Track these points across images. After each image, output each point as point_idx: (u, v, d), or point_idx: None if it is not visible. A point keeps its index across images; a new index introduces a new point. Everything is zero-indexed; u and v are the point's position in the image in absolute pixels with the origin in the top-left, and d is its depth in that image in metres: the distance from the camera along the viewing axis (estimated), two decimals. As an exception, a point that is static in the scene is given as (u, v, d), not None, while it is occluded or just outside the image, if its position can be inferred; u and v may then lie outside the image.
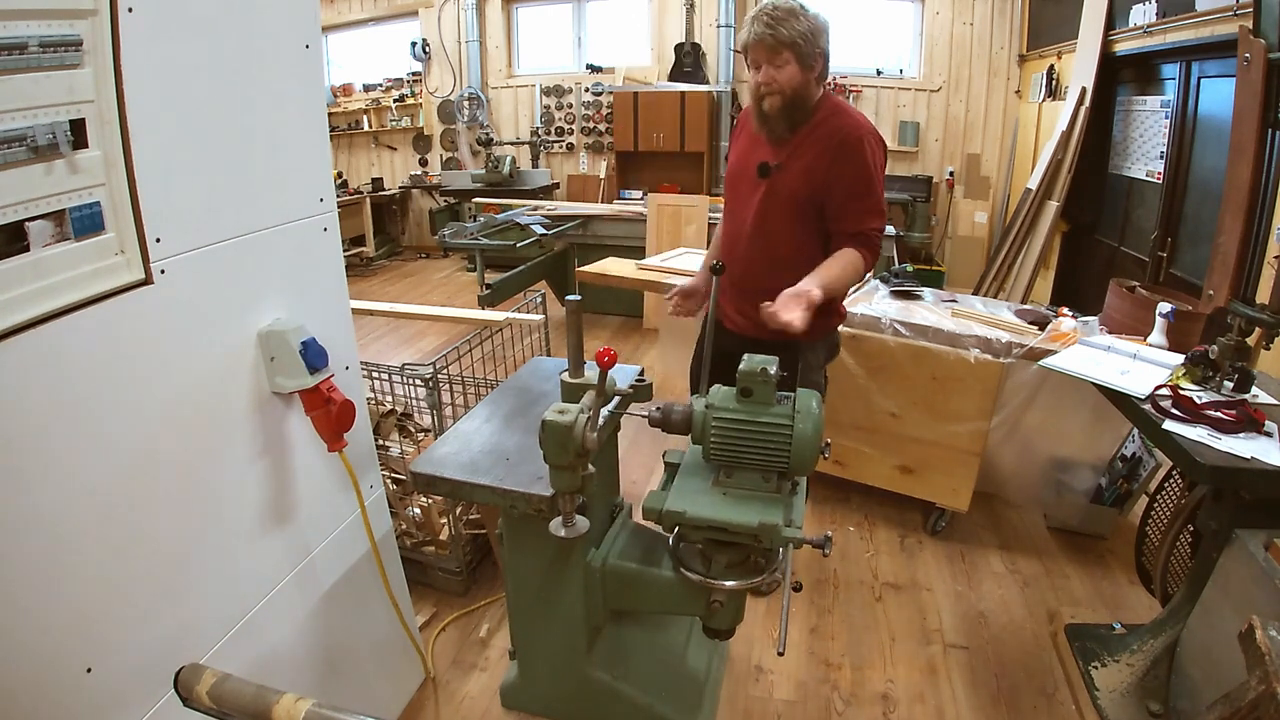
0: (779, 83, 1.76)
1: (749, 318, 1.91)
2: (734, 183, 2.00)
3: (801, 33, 1.72)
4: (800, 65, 1.75)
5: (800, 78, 1.76)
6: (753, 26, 1.75)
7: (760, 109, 1.83)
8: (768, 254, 1.91)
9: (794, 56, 1.74)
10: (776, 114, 1.81)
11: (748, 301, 1.89)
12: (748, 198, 1.92)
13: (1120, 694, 1.79)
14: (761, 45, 1.74)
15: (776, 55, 1.74)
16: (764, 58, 1.76)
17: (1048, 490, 2.58)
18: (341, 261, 1.55)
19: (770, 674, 2.01)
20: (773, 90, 1.77)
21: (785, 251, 1.89)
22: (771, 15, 1.72)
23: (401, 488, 2.36)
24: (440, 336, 4.67)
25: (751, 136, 1.94)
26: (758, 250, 1.92)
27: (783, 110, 1.80)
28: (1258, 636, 1.10)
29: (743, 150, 1.97)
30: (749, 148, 1.94)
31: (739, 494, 1.40)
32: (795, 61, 1.74)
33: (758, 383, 1.35)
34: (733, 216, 2.00)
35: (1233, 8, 3.10)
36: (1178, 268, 3.72)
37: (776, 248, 1.90)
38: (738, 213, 1.97)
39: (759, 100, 1.82)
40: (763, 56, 1.76)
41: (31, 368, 0.94)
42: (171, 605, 1.18)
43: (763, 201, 1.88)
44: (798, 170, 1.83)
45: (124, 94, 1.00)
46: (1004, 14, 5.94)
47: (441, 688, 1.95)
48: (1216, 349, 1.75)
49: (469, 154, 7.37)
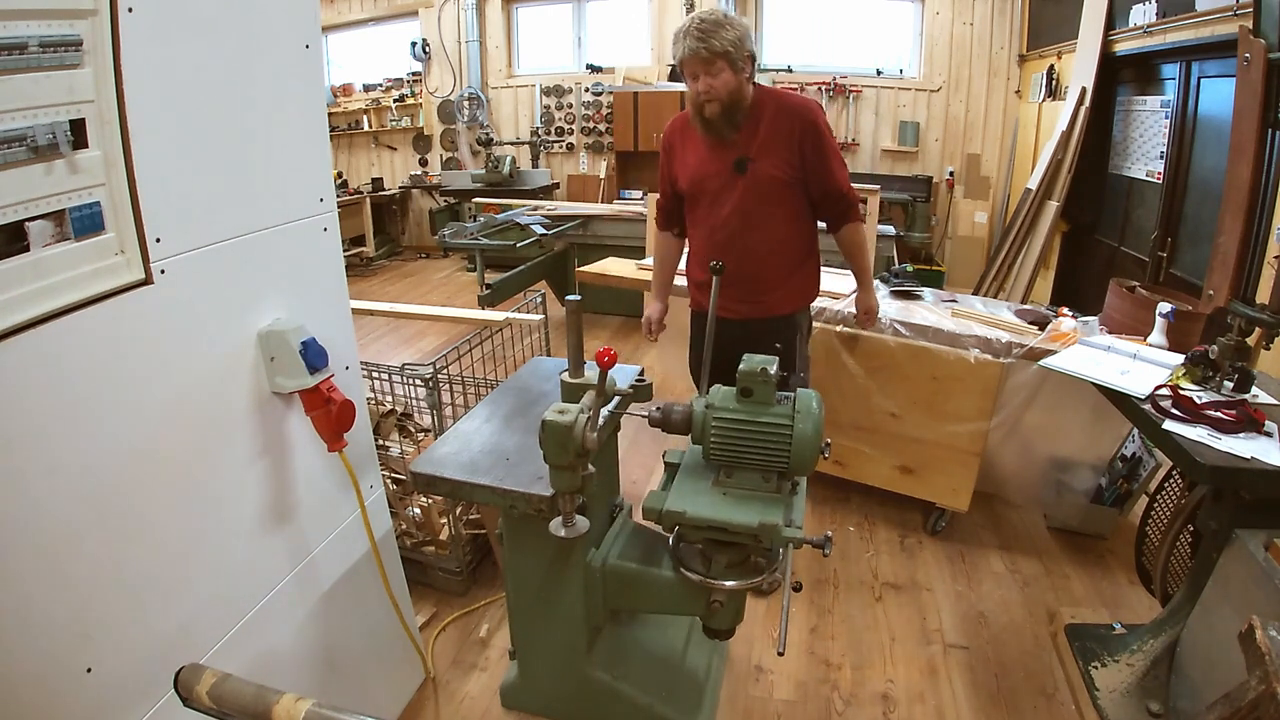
0: (716, 89, 1.88)
1: (745, 302, 2.07)
2: (699, 191, 2.06)
3: (731, 41, 1.84)
4: (733, 71, 1.87)
5: (735, 81, 1.88)
6: (685, 42, 1.85)
7: (702, 116, 1.94)
8: (763, 239, 2.02)
9: (727, 64, 1.86)
10: (718, 118, 1.92)
11: (749, 288, 2.06)
12: (723, 198, 2.00)
13: (1120, 694, 1.79)
14: (696, 59, 1.85)
15: (711, 65, 1.86)
16: (700, 69, 1.87)
17: (1048, 490, 2.58)
18: (341, 261, 1.55)
19: (770, 674, 2.01)
20: (712, 98, 1.89)
21: (780, 234, 2.04)
22: (701, 30, 1.83)
23: (401, 488, 2.36)
24: (440, 336, 4.67)
25: (702, 145, 2.02)
26: (754, 240, 2.02)
27: (723, 114, 1.91)
28: (1258, 636, 1.10)
29: (699, 160, 2.04)
30: (704, 154, 2.02)
31: (739, 494, 1.40)
32: (729, 68, 1.86)
33: (758, 383, 1.35)
34: (706, 223, 2.07)
35: (1233, 8, 3.10)
36: (1178, 268, 3.72)
37: (771, 233, 2.03)
38: (712, 218, 2.04)
39: (699, 108, 1.93)
40: (699, 68, 1.87)
41: (31, 368, 0.94)
42: (171, 605, 1.18)
43: (745, 195, 1.98)
44: (771, 157, 1.95)
45: (124, 94, 1.00)
46: (1004, 14, 5.94)
47: (441, 688, 1.95)
48: (1216, 349, 1.75)
49: (469, 154, 7.37)
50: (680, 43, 1.88)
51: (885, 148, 6.35)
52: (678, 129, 2.12)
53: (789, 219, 2.05)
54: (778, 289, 2.10)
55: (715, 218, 2.04)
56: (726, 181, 1.99)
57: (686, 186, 2.08)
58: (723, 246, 2.02)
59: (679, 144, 2.10)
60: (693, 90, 1.92)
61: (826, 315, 2.58)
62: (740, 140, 1.96)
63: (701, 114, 1.93)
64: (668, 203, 2.23)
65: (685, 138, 2.08)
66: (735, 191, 1.99)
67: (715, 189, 2.01)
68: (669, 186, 2.18)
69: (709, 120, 1.93)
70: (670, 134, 2.14)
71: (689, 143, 2.07)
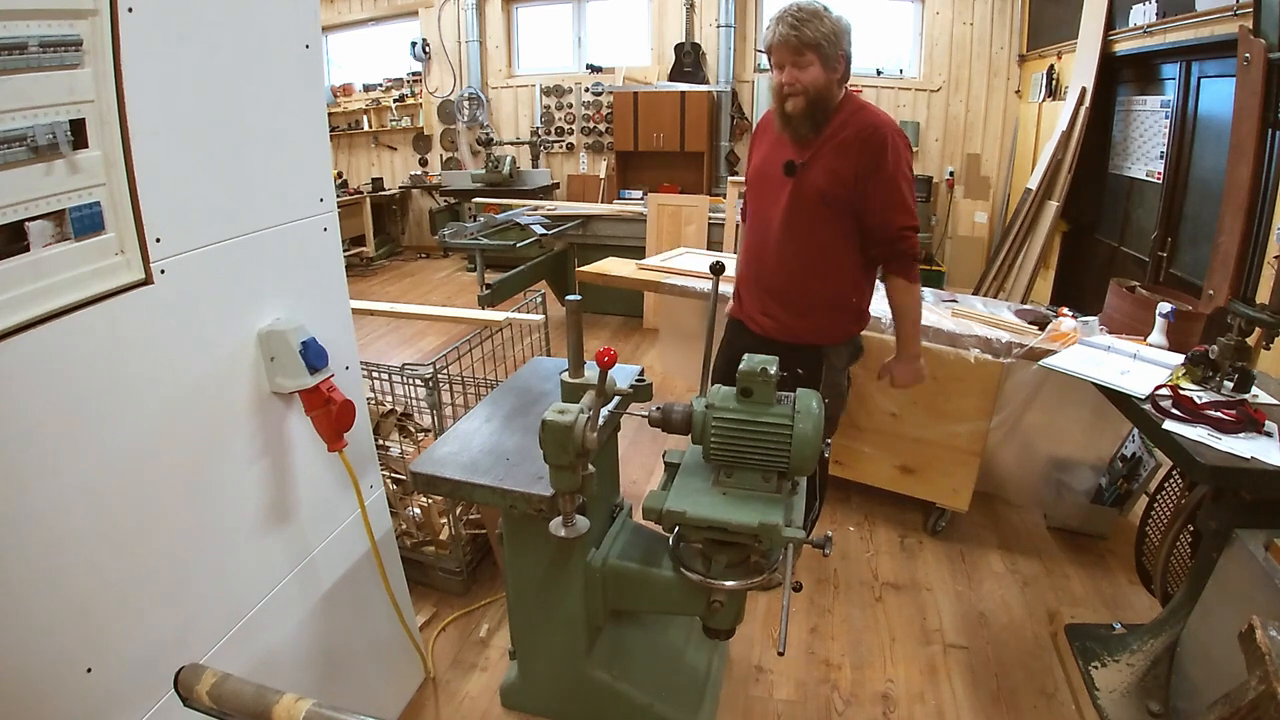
0: (802, 83, 1.76)
1: (775, 319, 1.96)
2: (758, 184, 1.99)
3: (825, 34, 1.73)
4: (824, 66, 1.75)
5: (823, 79, 1.76)
6: (777, 27, 1.75)
7: (783, 110, 1.82)
8: (799, 255, 1.90)
9: (817, 58, 1.74)
10: (800, 115, 1.80)
11: (776, 303, 1.96)
12: (774, 198, 1.90)
13: (1120, 694, 1.79)
14: (786, 46, 1.74)
15: (800, 56, 1.74)
16: (788, 58, 1.76)
17: (1048, 490, 2.58)
18: (341, 261, 1.55)
19: (770, 674, 2.01)
20: (796, 91, 1.77)
21: (814, 251, 1.90)
22: (796, 16, 1.72)
23: (401, 488, 2.36)
24: (440, 336, 4.67)
25: (774, 138, 1.93)
26: (790, 251, 1.91)
27: (806, 111, 1.79)
28: (1258, 636, 1.10)
29: (766, 152, 1.97)
30: (773, 149, 1.94)
31: (739, 494, 1.40)
32: (819, 63, 1.75)
33: (758, 382, 1.35)
34: (758, 219, 1.98)
35: (1233, 8, 3.10)
36: (1178, 268, 3.72)
37: (807, 248, 1.90)
38: (764, 214, 1.95)
39: (782, 101, 1.82)
40: (786, 57, 1.76)
41: (31, 368, 0.94)
42: (171, 605, 1.18)
43: (790, 200, 1.87)
44: (822, 167, 1.82)
45: (124, 94, 1.00)
46: (1004, 14, 5.94)
47: (441, 688, 1.95)
48: (1216, 349, 1.75)
49: (469, 154, 7.37)
50: (771, 28, 1.77)
51: (885, 148, 6.34)
52: (765, 121, 2.01)
53: (835, 241, 1.88)
54: (808, 316, 1.94)
55: (763, 216, 1.95)
56: (779, 183, 1.88)
57: (749, 178, 2.03)
58: (761, 252, 1.96)
59: (761, 136, 2.02)
60: (776, 81, 1.81)
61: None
62: (811, 143, 1.85)
63: (783, 108, 1.82)
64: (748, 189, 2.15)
65: (767, 129, 1.99)
66: (783, 194, 1.88)
67: (770, 189, 1.92)
68: None
69: (789, 116, 1.82)
70: (765, 119, 2.02)
71: (769, 134, 1.98)
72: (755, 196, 2.01)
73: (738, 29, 6.35)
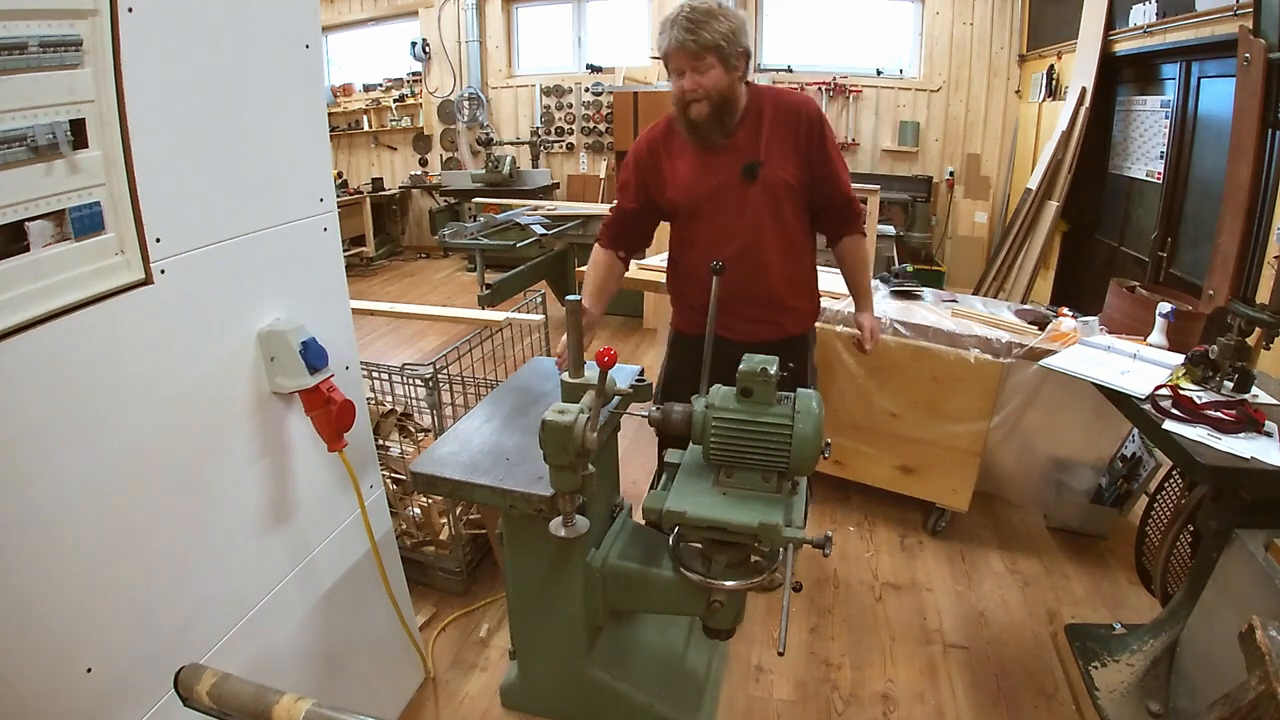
0: (704, 88, 1.69)
1: (760, 322, 1.90)
2: (700, 204, 1.84)
3: (723, 34, 1.66)
4: (724, 67, 1.69)
5: (725, 80, 1.70)
6: (672, 32, 1.67)
7: (687, 118, 1.74)
8: (779, 255, 1.85)
9: (718, 60, 1.67)
10: (706, 120, 1.73)
11: (759, 307, 1.89)
12: (732, 210, 1.82)
13: (1120, 694, 1.79)
14: (683, 52, 1.67)
15: (700, 60, 1.67)
16: (687, 64, 1.68)
17: (1048, 490, 2.58)
18: (341, 261, 1.55)
19: (770, 674, 2.01)
20: (698, 97, 1.70)
21: (787, 243, 1.87)
22: (690, 19, 1.64)
23: (401, 488, 2.36)
24: (440, 336, 4.67)
25: (690, 152, 1.83)
26: (769, 256, 1.84)
27: (712, 116, 1.72)
28: (1258, 636, 1.10)
29: (695, 169, 1.83)
30: (701, 163, 1.82)
31: (739, 494, 1.40)
32: (720, 65, 1.68)
33: (758, 383, 1.35)
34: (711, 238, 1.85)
35: (1233, 8, 3.10)
36: (1178, 268, 3.72)
37: (786, 245, 1.86)
38: (722, 229, 1.83)
39: (684, 109, 1.74)
40: (685, 63, 1.68)
41: (31, 368, 0.94)
42: (172, 605, 1.18)
43: (758, 205, 1.80)
44: (781, 160, 1.78)
45: (124, 94, 1.00)
46: (1004, 14, 5.94)
47: (441, 688, 1.95)
48: (1216, 349, 1.75)
49: (469, 154, 7.37)
50: (666, 33, 1.68)
51: (885, 148, 6.35)
52: (657, 137, 1.88)
53: (800, 227, 1.89)
54: (793, 306, 1.94)
55: (721, 233, 1.83)
56: (736, 191, 1.79)
57: (683, 200, 1.85)
58: (737, 264, 1.81)
59: (662, 154, 1.87)
60: (677, 88, 1.72)
61: (827, 315, 2.58)
62: (743, 144, 1.79)
63: (686, 115, 1.74)
64: (624, 221, 1.97)
65: (670, 146, 1.86)
66: (747, 201, 1.79)
67: (721, 200, 1.81)
68: (639, 203, 1.93)
69: (695, 123, 1.74)
70: (648, 143, 1.89)
71: (676, 152, 1.85)
72: (696, 220, 1.87)
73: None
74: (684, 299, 2.02)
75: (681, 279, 2.00)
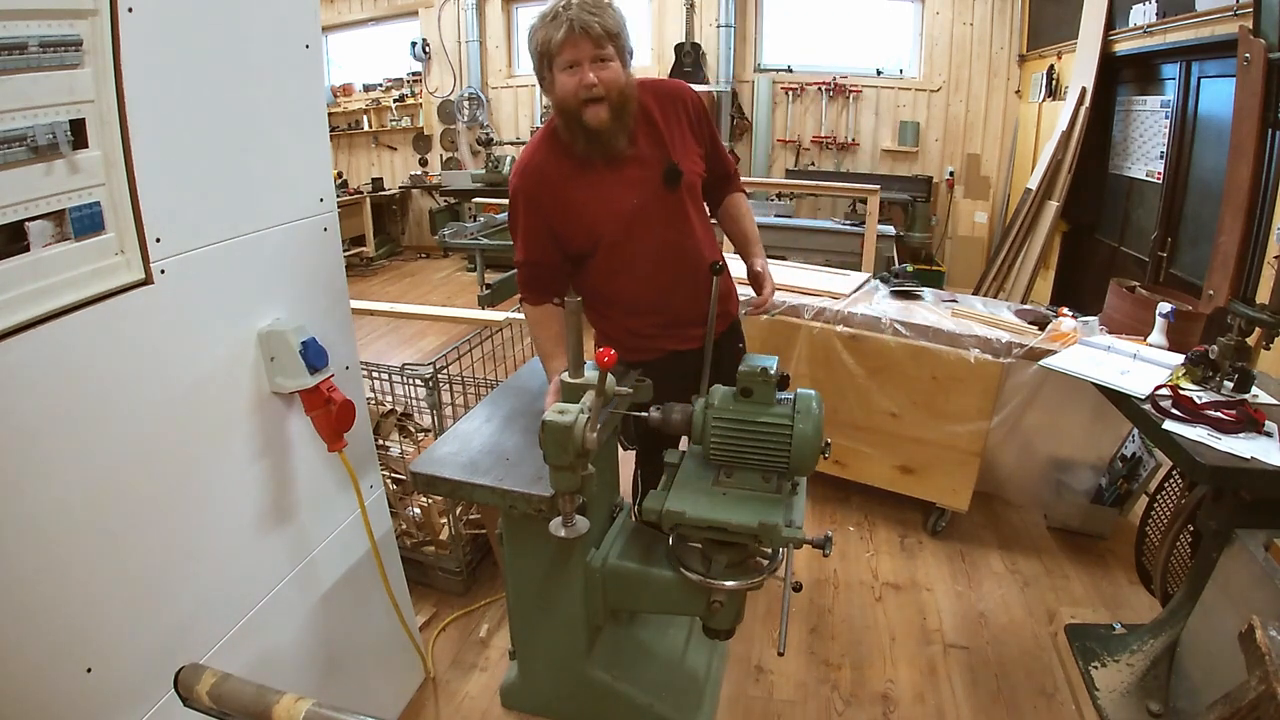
0: (605, 82, 1.45)
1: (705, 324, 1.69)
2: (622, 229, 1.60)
3: (621, 24, 1.47)
4: (622, 62, 1.49)
5: (624, 77, 1.49)
6: (568, 15, 1.41)
7: (583, 125, 1.48)
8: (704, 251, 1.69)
9: (617, 52, 1.47)
10: (608, 126, 1.49)
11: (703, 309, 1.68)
12: (656, 223, 1.62)
13: (1120, 694, 1.79)
14: (586, 38, 1.41)
15: (602, 49, 1.44)
16: (586, 53, 1.43)
17: (1048, 490, 2.58)
18: (341, 261, 1.55)
19: (770, 674, 2.01)
20: (597, 95, 1.45)
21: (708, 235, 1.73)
22: (586, 3, 1.42)
23: (401, 488, 2.36)
24: (440, 336, 4.67)
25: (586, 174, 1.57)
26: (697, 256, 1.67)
27: (613, 120, 1.48)
28: (1258, 636, 1.10)
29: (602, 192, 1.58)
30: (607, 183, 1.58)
31: (739, 494, 1.40)
32: (618, 58, 1.48)
33: (758, 382, 1.35)
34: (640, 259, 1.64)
35: (1233, 8, 3.09)
36: (1178, 268, 3.72)
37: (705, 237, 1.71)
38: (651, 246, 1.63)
39: (576, 113, 1.47)
40: (585, 51, 1.43)
41: (31, 368, 0.94)
42: (172, 605, 1.18)
43: (684, 206, 1.64)
44: (685, 153, 1.64)
45: (124, 94, 1.00)
46: (1004, 14, 5.94)
47: (441, 688, 1.95)
48: (1216, 349, 1.75)
49: (469, 154, 7.37)
50: (557, 19, 1.42)
51: (885, 148, 6.35)
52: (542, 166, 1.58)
53: (705, 211, 1.76)
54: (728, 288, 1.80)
55: (651, 250, 1.63)
56: (662, 202, 1.60)
57: (606, 232, 1.60)
58: (669, 280, 1.67)
59: (557, 185, 1.58)
60: (571, 87, 1.45)
61: (826, 315, 2.58)
62: (648, 149, 1.58)
63: (581, 122, 1.47)
64: (544, 268, 1.67)
65: (562, 173, 1.57)
66: (672, 208, 1.61)
67: (647, 214, 1.59)
68: (548, 246, 1.63)
69: (595, 131, 1.48)
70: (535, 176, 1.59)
71: (571, 179, 1.57)
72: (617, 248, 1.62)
73: (738, 29, 6.34)
74: (626, 331, 1.74)
75: (621, 310, 1.73)
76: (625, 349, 1.71)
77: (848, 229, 5.08)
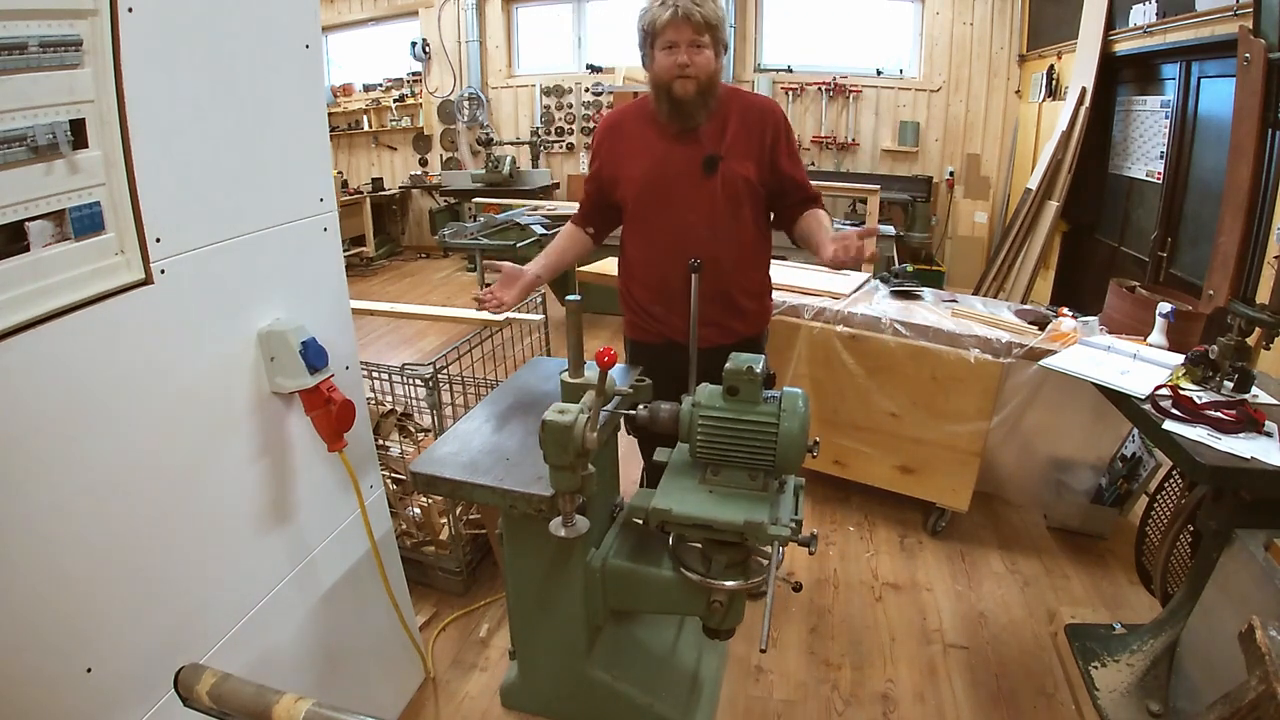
0: (697, 66, 1.66)
1: (713, 325, 1.83)
2: (654, 193, 1.79)
3: (720, 16, 1.66)
4: (715, 51, 1.69)
5: (715, 65, 1.69)
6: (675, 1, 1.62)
7: (671, 94, 1.69)
8: (734, 253, 1.81)
9: (713, 41, 1.67)
10: (692, 100, 1.68)
11: (713, 308, 1.81)
12: (687, 203, 1.76)
13: (1120, 694, 1.79)
14: (687, 23, 1.62)
15: (700, 36, 1.65)
16: (686, 36, 1.64)
17: (1048, 490, 2.58)
18: (341, 261, 1.55)
19: (770, 674, 2.01)
20: (688, 74, 1.65)
21: (749, 243, 1.85)
22: None
23: (401, 488, 2.36)
24: (440, 336, 4.67)
25: (652, 139, 1.78)
26: (723, 253, 1.79)
27: (698, 96, 1.68)
28: (1258, 636, 1.10)
29: (654, 156, 1.78)
30: (661, 151, 1.77)
31: (725, 492, 1.41)
32: (712, 46, 1.67)
33: (743, 381, 1.35)
34: (664, 230, 1.80)
35: (1233, 8, 3.10)
36: (1178, 268, 3.72)
37: (741, 243, 1.82)
38: (676, 222, 1.78)
39: (668, 85, 1.68)
40: (686, 36, 1.64)
41: (31, 368, 0.94)
42: (172, 605, 1.18)
43: (714, 199, 1.76)
44: (742, 157, 1.76)
45: (124, 94, 1.00)
46: (1004, 14, 5.94)
47: (441, 688, 1.95)
48: (1216, 349, 1.75)
49: (469, 154, 7.37)
50: (665, 4, 1.62)
51: (885, 148, 6.35)
52: (622, 123, 1.85)
53: (756, 225, 1.85)
54: (744, 308, 1.88)
55: (675, 225, 1.77)
56: (693, 183, 1.75)
57: (637, 188, 1.80)
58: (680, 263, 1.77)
59: (627, 132, 1.83)
60: (666, 64, 1.66)
61: (826, 315, 2.58)
62: (707, 137, 1.74)
63: (670, 92, 1.68)
64: (589, 199, 1.94)
65: (630, 132, 1.82)
66: (703, 195, 1.74)
67: (677, 191, 1.76)
68: (599, 192, 1.90)
69: (680, 100, 1.68)
70: (610, 129, 1.87)
71: (636, 138, 1.81)
72: (647, 210, 1.82)
73: (738, 29, 6.34)
74: (633, 301, 1.93)
75: (631, 277, 1.92)
76: (630, 321, 1.96)
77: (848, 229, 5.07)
